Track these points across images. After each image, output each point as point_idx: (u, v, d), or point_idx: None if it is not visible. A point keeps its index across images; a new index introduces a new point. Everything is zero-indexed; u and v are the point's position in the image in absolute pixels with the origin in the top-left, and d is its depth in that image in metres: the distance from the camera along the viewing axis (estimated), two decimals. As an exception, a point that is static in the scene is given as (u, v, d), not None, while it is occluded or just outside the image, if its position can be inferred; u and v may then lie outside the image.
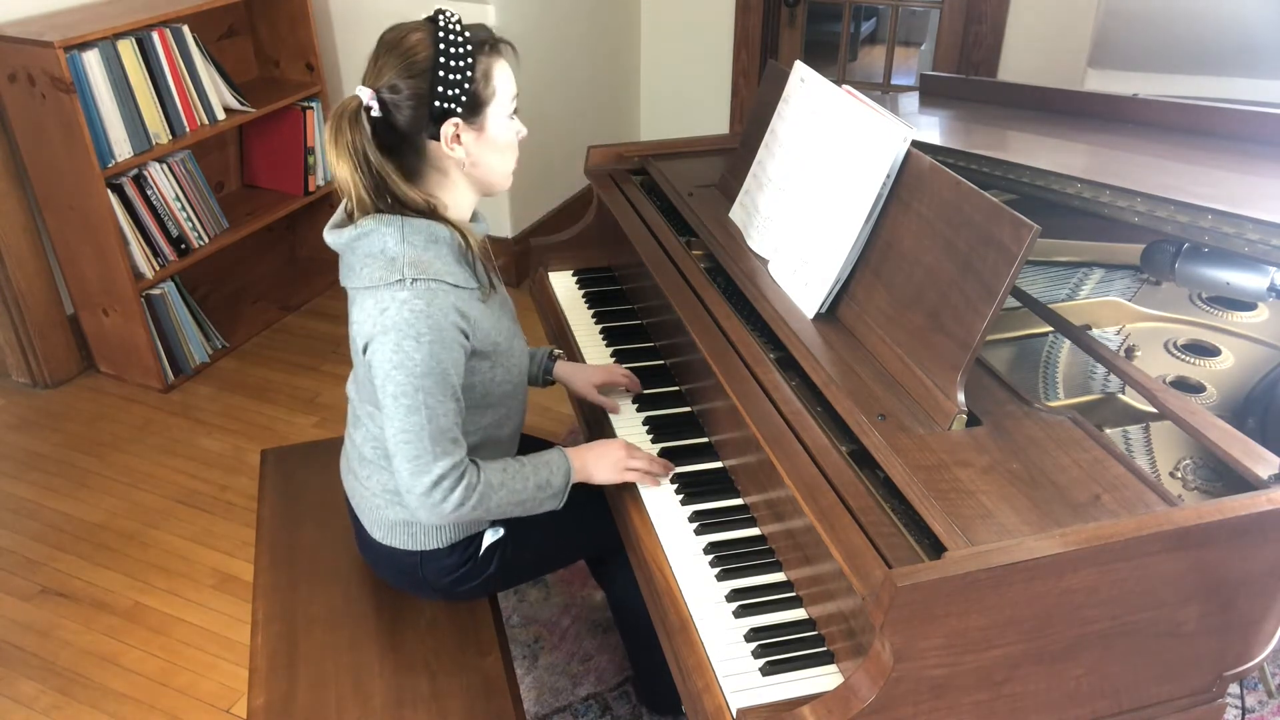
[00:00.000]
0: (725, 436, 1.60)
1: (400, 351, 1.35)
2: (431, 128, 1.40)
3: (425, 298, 1.36)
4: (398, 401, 1.37)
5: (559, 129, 3.65)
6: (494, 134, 1.45)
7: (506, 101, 1.45)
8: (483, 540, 1.60)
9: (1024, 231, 1.26)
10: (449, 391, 1.39)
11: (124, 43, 2.77)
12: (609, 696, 2.05)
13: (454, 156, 1.42)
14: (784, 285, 1.66)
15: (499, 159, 1.48)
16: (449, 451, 1.41)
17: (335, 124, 1.37)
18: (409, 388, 1.36)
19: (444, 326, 1.37)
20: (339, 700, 1.50)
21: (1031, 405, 1.38)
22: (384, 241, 1.40)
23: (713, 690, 1.25)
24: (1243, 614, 1.23)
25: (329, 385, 3.09)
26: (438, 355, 1.37)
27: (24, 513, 2.58)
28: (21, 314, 2.96)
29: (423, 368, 1.36)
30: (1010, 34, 3.47)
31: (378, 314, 1.37)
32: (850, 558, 1.18)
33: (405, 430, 1.38)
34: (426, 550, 1.57)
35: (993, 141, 2.04)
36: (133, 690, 2.10)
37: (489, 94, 1.42)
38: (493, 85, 1.43)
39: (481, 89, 1.41)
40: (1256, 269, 1.66)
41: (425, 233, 1.41)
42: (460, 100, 1.39)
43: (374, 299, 1.39)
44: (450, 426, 1.41)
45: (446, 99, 1.38)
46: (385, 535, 1.59)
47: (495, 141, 1.46)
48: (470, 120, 1.41)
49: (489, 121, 1.44)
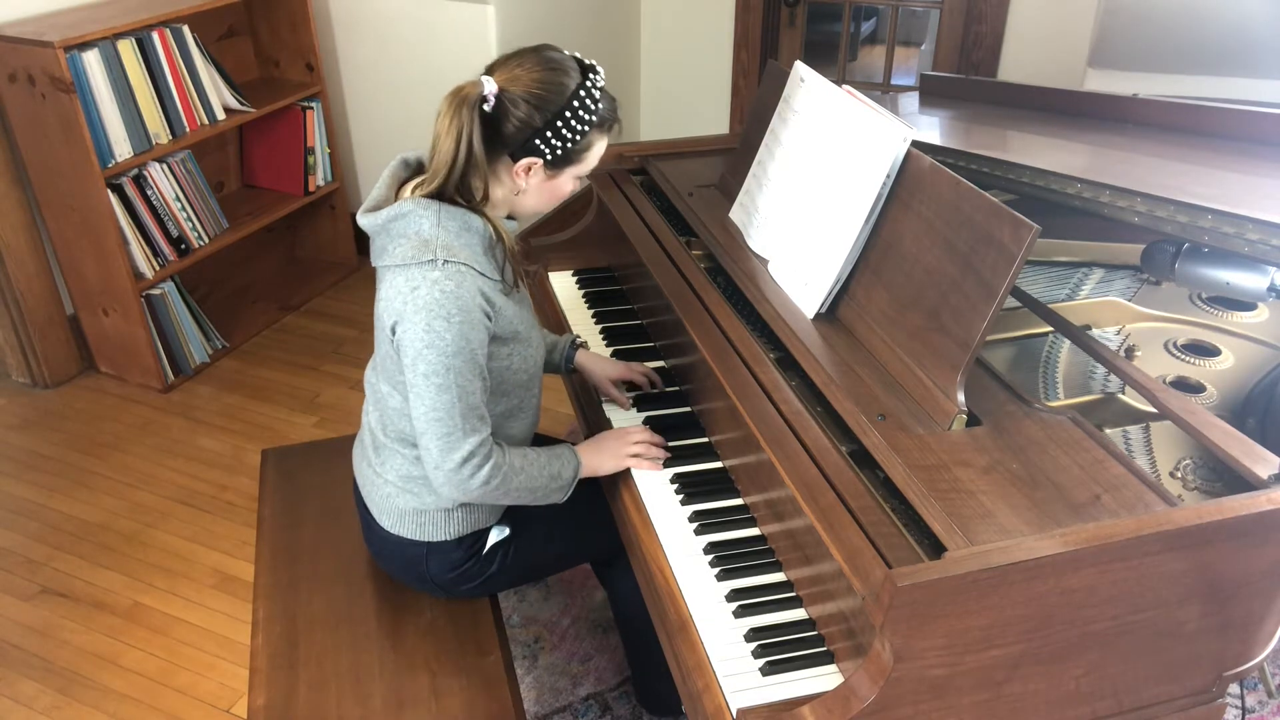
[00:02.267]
0: (725, 436, 1.60)
1: (431, 331, 1.39)
2: (520, 152, 1.44)
3: (455, 279, 1.40)
4: (429, 380, 1.41)
5: (559, 129, 3.64)
6: (558, 186, 1.52)
7: (586, 170, 1.52)
8: (488, 538, 1.61)
9: (1024, 231, 1.26)
10: (477, 370, 1.44)
11: (124, 43, 2.77)
12: (609, 696, 2.05)
13: (515, 183, 1.48)
14: (784, 285, 1.66)
15: (544, 203, 1.55)
16: (477, 429, 1.45)
17: (454, 104, 1.40)
18: (440, 366, 1.40)
19: (471, 308, 1.41)
20: (339, 700, 1.50)
21: (1031, 405, 1.38)
22: (420, 224, 1.44)
23: (713, 690, 1.25)
24: (1243, 614, 1.23)
25: (329, 385, 3.09)
26: (466, 335, 1.40)
27: (24, 513, 2.58)
28: (21, 314, 2.96)
29: (453, 347, 1.40)
30: (1010, 34, 3.47)
31: (409, 291, 1.40)
32: (850, 558, 1.18)
33: (436, 409, 1.42)
34: (434, 542, 1.59)
35: (993, 141, 2.04)
36: (133, 690, 2.10)
37: (579, 159, 1.49)
38: (588, 156, 1.50)
39: (577, 154, 1.47)
40: (1256, 269, 1.66)
41: (460, 220, 1.45)
42: (556, 151, 1.44)
43: (405, 276, 1.42)
44: (479, 404, 1.45)
45: (548, 143, 1.43)
46: (394, 524, 1.60)
47: (555, 191, 1.52)
48: (550, 169, 1.47)
49: (563, 177, 1.50)
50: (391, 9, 3.30)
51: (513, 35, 3.23)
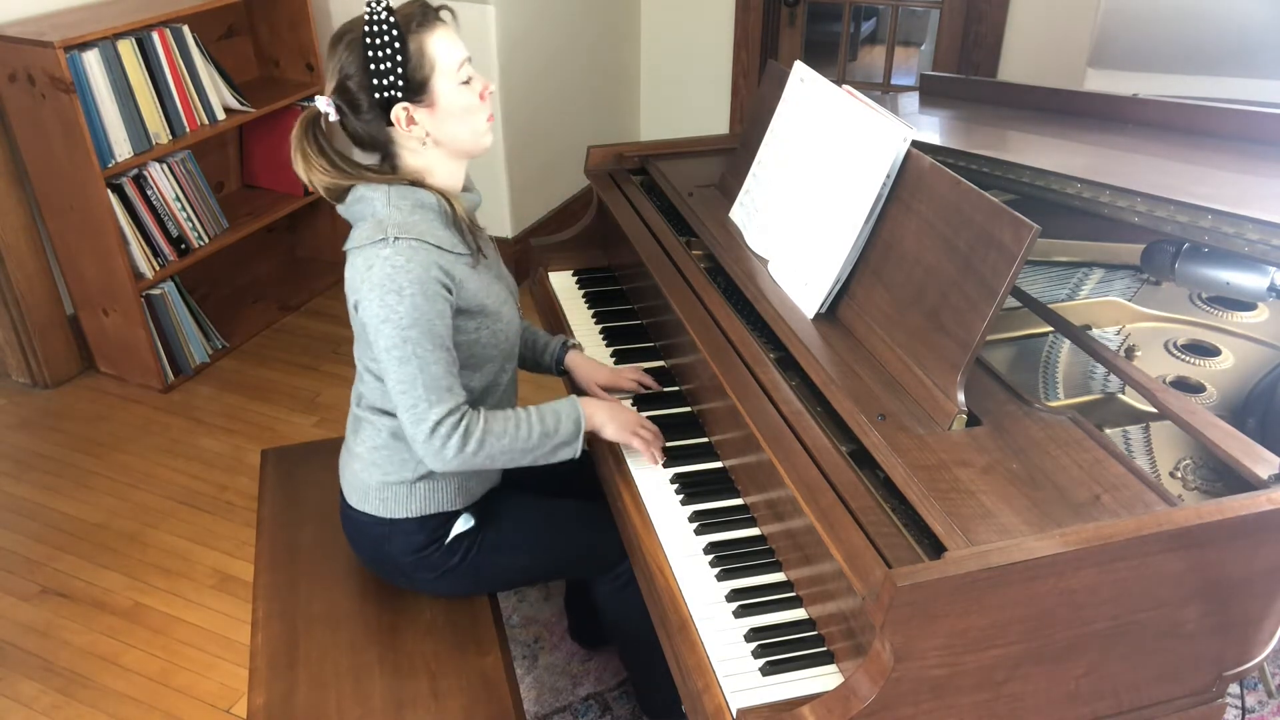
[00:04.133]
0: (725, 436, 1.60)
1: (385, 306, 1.41)
2: (384, 116, 1.45)
3: (406, 254, 1.42)
4: (390, 354, 1.43)
5: (559, 129, 3.65)
6: (447, 104, 1.47)
7: (452, 70, 1.46)
8: (454, 526, 1.60)
9: (1024, 231, 1.26)
10: (437, 342, 1.44)
11: (124, 43, 2.77)
12: (609, 696, 2.05)
13: (414, 136, 1.47)
14: (784, 285, 1.66)
15: (462, 125, 1.50)
16: (443, 399, 1.45)
17: (297, 140, 1.46)
18: (398, 339, 1.42)
19: (425, 280, 1.42)
20: (339, 700, 1.50)
21: (1031, 405, 1.38)
22: (373, 206, 1.47)
23: (713, 690, 1.25)
24: (1243, 614, 1.23)
25: (329, 385, 3.09)
26: (420, 307, 1.42)
27: (24, 513, 2.58)
28: (21, 314, 2.96)
29: (408, 319, 1.41)
30: (1010, 34, 3.47)
31: (364, 270, 1.43)
32: (850, 558, 1.18)
33: (401, 381, 1.44)
34: (396, 519, 1.59)
35: (993, 141, 2.04)
36: (133, 690, 2.10)
37: (428, 69, 1.44)
38: (429, 58, 1.44)
39: (418, 67, 1.43)
40: (1256, 269, 1.66)
41: (411, 198, 1.47)
42: (398, 85, 1.42)
43: (362, 257, 1.44)
44: (443, 375, 1.45)
45: (384, 87, 1.42)
46: (360, 501, 1.61)
47: (451, 110, 1.48)
48: (416, 100, 1.45)
49: (438, 95, 1.46)
50: (391, 9, 3.30)
51: (513, 35, 3.23)
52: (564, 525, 1.69)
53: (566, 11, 3.57)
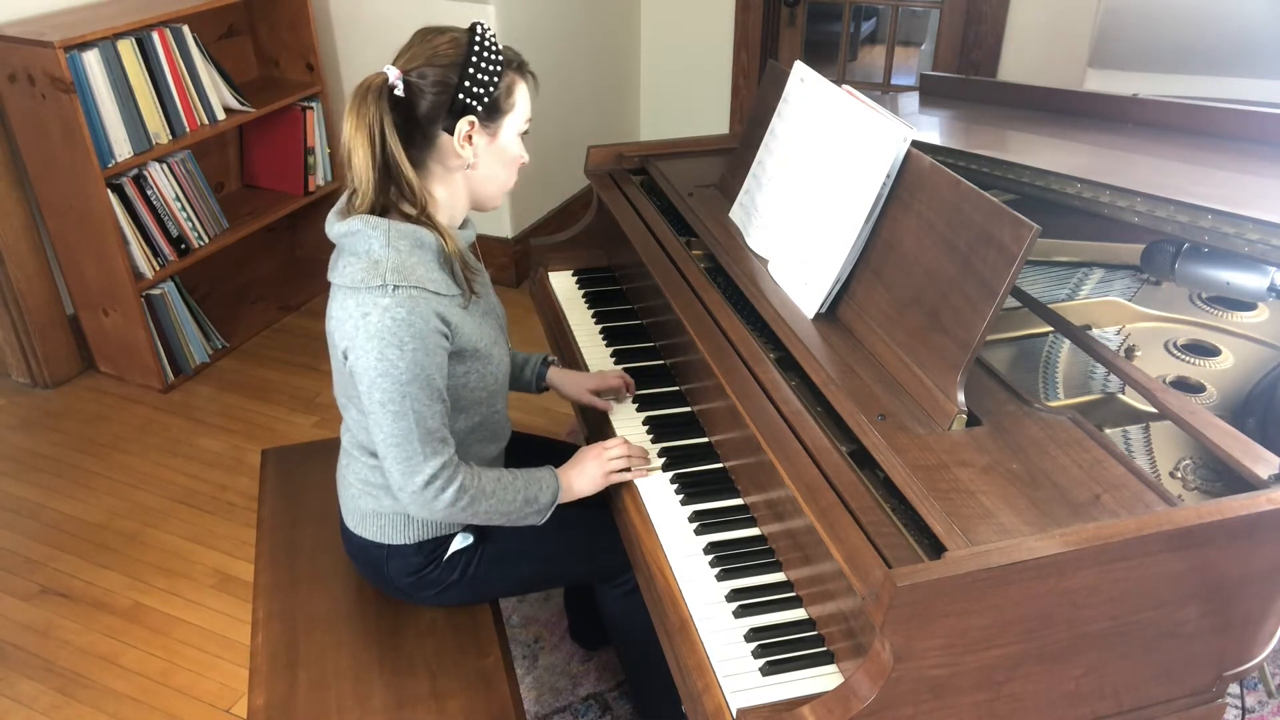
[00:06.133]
0: (725, 436, 1.60)
1: (384, 360, 1.36)
2: (449, 120, 1.40)
3: (407, 305, 1.36)
4: (385, 408, 1.38)
5: (559, 129, 3.65)
6: (503, 144, 1.47)
7: (521, 121, 1.48)
8: (449, 545, 1.59)
9: (1024, 231, 1.26)
10: (434, 394, 1.41)
11: (124, 43, 2.77)
12: (609, 696, 2.05)
13: (462, 155, 1.43)
14: (784, 285, 1.66)
15: (501, 172, 1.50)
16: (438, 451, 1.43)
17: (359, 98, 1.37)
18: (395, 394, 1.37)
19: (426, 333, 1.38)
20: (339, 700, 1.50)
21: (1031, 405, 1.38)
22: (369, 243, 1.40)
23: (713, 690, 1.25)
24: (1243, 614, 1.23)
25: (329, 385, 3.08)
26: (420, 362, 1.37)
27: (24, 513, 2.58)
28: (21, 314, 2.96)
29: (408, 374, 1.37)
30: (1010, 34, 3.47)
31: (360, 317, 1.37)
32: (850, 558, 1.18)
33: (394, 434, 1.39)
34: (393, 544, 1.58)
35: (993, 141, 2.04)
36: (133, 690, 2.10)
37: (509, 106, 1.45)
38: (514, 100, 1.46)
39: (503, 99, 1.44)
40: (1256, 269, 1.66)
41: (411, 238, 1.41)
42: (482, 100, 1.41)
43: (355, 300, 1.39)
44: (438, 427, 1.42)
45: (471, 94, 1.39)
46: (357, 525, 1.60)
47: (504, 153, 1.48)
48: (486, 124, 1.43)
49: (503, 131, 1.46)
50: (391, 9, 3.30)
51: (513, 35, 3.23)
52: (566, 533, 1.67)
53: (566, 11, 3.57)
